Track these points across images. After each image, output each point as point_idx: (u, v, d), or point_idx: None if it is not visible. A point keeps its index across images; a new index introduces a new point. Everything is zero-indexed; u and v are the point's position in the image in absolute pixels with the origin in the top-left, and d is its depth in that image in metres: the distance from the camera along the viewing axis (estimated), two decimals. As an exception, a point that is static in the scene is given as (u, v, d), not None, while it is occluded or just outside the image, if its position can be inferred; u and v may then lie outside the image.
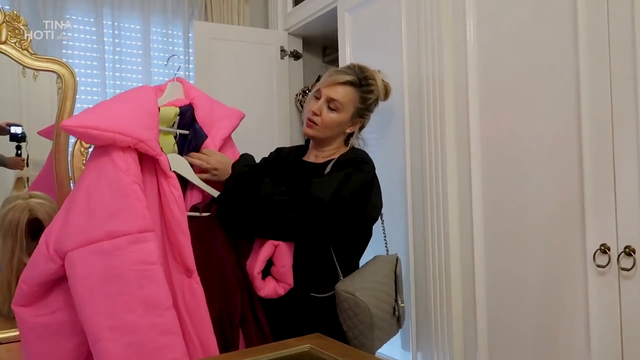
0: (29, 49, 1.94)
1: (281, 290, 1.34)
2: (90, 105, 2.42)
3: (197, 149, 1.36)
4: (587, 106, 1.28)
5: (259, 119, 2.62)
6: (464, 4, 1.61)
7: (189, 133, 1.36)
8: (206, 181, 1.36)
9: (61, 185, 2.00)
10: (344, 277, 1.41)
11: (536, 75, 1.41)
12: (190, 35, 2.73)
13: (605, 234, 1.24)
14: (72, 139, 2.05)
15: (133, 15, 2.63)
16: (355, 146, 1.55)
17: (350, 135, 1.54)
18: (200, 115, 1.36)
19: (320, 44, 2.97)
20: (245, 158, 1.42)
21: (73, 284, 1.05)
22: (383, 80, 1.53)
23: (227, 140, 1.44)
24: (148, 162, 1.17)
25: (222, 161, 1.35)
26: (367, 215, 1.42)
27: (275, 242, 1.31)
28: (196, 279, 1.18)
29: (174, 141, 1.35)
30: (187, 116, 1.35)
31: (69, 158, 2.03)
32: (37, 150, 2.05)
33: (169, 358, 1.08)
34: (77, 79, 2.04)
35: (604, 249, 1.24)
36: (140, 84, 2.61)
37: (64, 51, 2.44)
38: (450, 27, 1.67)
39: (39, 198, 1.88)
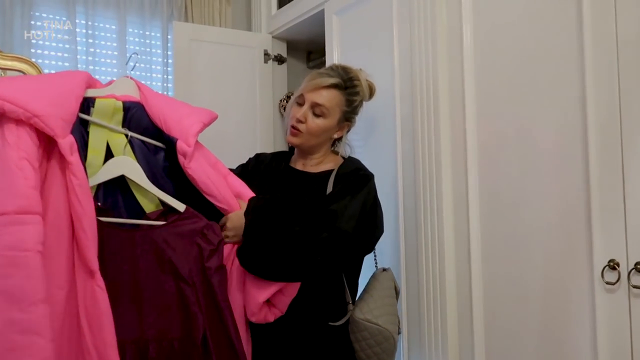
0: (-7, 46, 1.80)
1: (271, 317, 1.23)
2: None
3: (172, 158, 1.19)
4: (593, 108, 1.20)
5: (240, 125, 2.51)
6: (460, 3, 1.54)
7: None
8: None
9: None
10: (352, 300, 1.36)
11: (537, 74, 1.34)
12: (169, 37, 2.61)
13: (614, 248, 1.16)
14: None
15: (108, 15, 2.49)
16: (342, 152, 1.47)
17: (337, 140, 1.45)
18: (154, 114, 1.16)
19: (304, 49, 2.88)
20: (254, 202, 1.24)
21: None
22: (367, 80, 1.44)
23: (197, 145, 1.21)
24: (54, 146, 0.99)
25: (233, 223, 1.20)
26: (378, 234, 1.33)
27: None
28: (98, 281, 1.00)
29: (126, 142, 1.14)
30: (135, 115, 1.15)
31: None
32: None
33: None
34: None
35: (613, 265, 1.16)
36: (114, 87, 2.48)
37: (32, 50, 2.30)
38: (445, 27, 1.59)
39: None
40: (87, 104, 1.11)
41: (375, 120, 1.85)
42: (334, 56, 2.12)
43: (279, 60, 2.65)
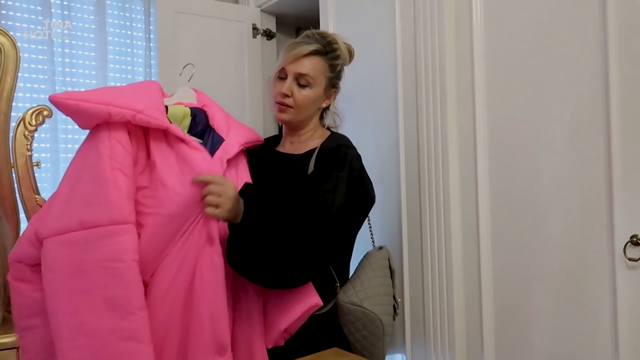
0: (-41, 13, 1.64)
1: (283, 341, 1.22)
2: (37, 85, 2.16)
3: (213, 153, 1.18)
4: (616, 84, 1.14)
5: (228, 102, 2.35)
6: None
7: (205, 136, 1.22)
8: None
9: (1, 173, 1.71)
10: (340, 283, 1.29)
11: (555, 51, 1.27)
12: (151, 10, 2.47)
13: (638, 224, 1.11)
14: (12, 123, 1.77)
15: (85, -15, 2.33)
16: (332, 124, 1.42)
17: (326, 109, 1.40)
18: (214, 119, 1.24)
19: (294, 24, 2.77)
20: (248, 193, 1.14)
21: (43, 273, 1.00)
22: (345, 43, 1.38)
23: (241, 157, 1.27)
24: (158, 139, 1.07)
25: (224, 189, 1.08)
26: (365, 211, 1.29)
27: None
28: (217, 249, 1.08)
29: None
30: (199, 120, 1.21)
31: (10, 143, 1.75)
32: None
33: None
34: (20, 54, 1.76)
35: (636, 241, 1.11)
36: (94, 62, 2.33)
37: (2, 22, 2.13)
38: (453, 2, 1.51)
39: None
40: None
41: (375, 103, 1.77)
42: (328, 30, 2.01)
43: (268, 35, 2.53)
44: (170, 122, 1.10)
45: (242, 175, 1.22)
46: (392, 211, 1.68)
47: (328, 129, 1.42)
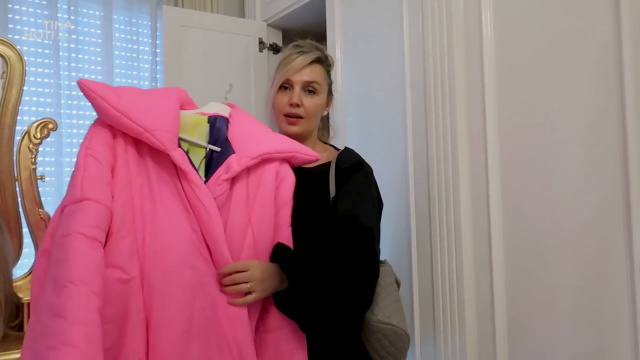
0: (-33, 26, 1.64)
1: None
2: (42, 98, 2.16)
3: (218, 165, 1.11)
4: (632, 96, 1.11)
5: (234, 117, 2.38)
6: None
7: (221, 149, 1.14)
8: None
9: (4, 186, 1.69)
10: None
11: (567, 59, 1.25)
12: (158, 25, 2.47)
13: (658, 239, 1.08)
14: (17, 136, 1.76)
15: (92, -1, 2.35)
16: (326, 139, 1.45)
17: (323, 121, 1.42)
18: (233, 131, 1.14)
19: (300, 38, 2.76)
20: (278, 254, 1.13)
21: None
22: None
23: (264, 170, 1.13)
24: (161, 160, 1.05)
25: (255, 268, 1.06)
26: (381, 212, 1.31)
27: None
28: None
29: (203, 157, 1.12)
30: (218, 129, 1.13)
31: (15, 156, 1.73)
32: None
33: (44, 345, 0.83)
34: (26, 67, 1.76)
35: (656, 255, 1.08)
36: (100, 75, 2.33)
37: (10, 36, 2.13)
38: (462, 14, 1.49)
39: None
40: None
41: (384, 116, 1.75)
42: (336, 47, 2.01)
43: (274, 49, 2.53)
44: (180, 137, 1.08)
45: (255, 191, 1.10)
46: (400, 223, 1.65)
47: (325, 142, 1.44)
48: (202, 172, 1.09)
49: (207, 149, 1.11)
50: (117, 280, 0.94)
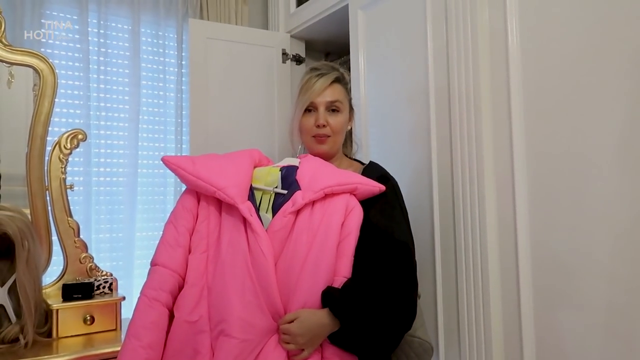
0: (3, 40, 1.70)
1: None
2: (72, 110, 2.22)
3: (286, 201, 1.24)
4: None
5: (257, 128, 2.41)
6: (505, -8, 1.42)
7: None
8: None
9: (35, 195, 1.74)
10: None
11: (596, 72, 1.21)
12: (184, 37, 2.52)
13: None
14: (48, 146, 1.81)
15: (121, 13, 2.41)
16: (349, 153, 1.50)
17: (347, 138, 1.48)
18: (300, 173, 1.26)
19: (322, 49, 2.80)
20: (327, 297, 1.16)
21: None
22: None
23: (335, 198, 1.22)
24: (231, 212, 1.21)
25: (303, 324, 1.10)
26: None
27: None
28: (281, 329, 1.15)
29: (270, 195, 1.27)
30: (286, 176, 1.26)
31: (45, 166, 1.78)
32: (9, 163, 1.80)
33: None
34: (58, 80, 1.81)
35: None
36: (128, 87, 2.39)
37: (42, 49, 2.20)
38: (487, 23, 1.47)
39: (9, 210, 1.62)
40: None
41: (407, 128, 1.74)
42: (359, 55, 2.02)
43: (297, 60, 2.55)
44: (253, 185, 1.25)
45: (319, 223, 1.19)
46: (425, 236, 1.63)
47: (350, 157, 1.49)
48: (270, 213, 1.22)
49: (273, 192, 1.24)
50: (185, 321, 1.13)
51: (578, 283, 1.24)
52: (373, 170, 1.35)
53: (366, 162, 1.44)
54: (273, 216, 1.20)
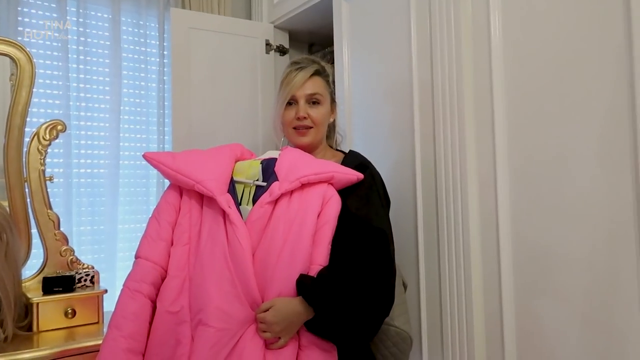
0: (-23, 28, 1.66)
1: None
2: (51, 100, 2.18)
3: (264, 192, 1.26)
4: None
5: (241, 118, 2.39)
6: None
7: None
8: None
9: (13, 187, 1.70)
10: None
11: (577, 68, 1.22)
12: (166, 27, 2.48)
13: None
14: (26, 137, 1.77)
15: (101, 2, 2.35)
16: (334, 145, 1.51)
17: (330, 128, 1.49)
18: (279, 165, 1.28)
19: (306, 40, 2.78)
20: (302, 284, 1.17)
21: None
22: None
23: (312, 188, 1.24)
24: (211, 204, 1.24)
25: (278, 312, 1.11)
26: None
27: None
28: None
29: (250, 188, 1.30)
30: (266, 169, 1.29)
31: (24, 157, 1.75)
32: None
33: None
34: (36, 69, 1.77)
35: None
36: (108, 78, 2.35)
37: (19, 38, 2.15)
38: (470, 17, 1.48)
39: (-14, 203, 1.58)
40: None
41: (391, 119, 1.74)
42: (343, 46, 2.01)
43: (281, 51, 2.53)
44: (233, 178, 1.28)
45: (296, 212, 1.20)
46: (408, 228, 1.64)
47: (334, 148, 1.50)
48: (250, 205, 1.25)
49: (252, 184, 1.27)
50: (166, 312, 1.15)
51: (557, 275, 1.27)
52: (352, 159, 1.37)
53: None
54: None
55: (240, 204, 1.25)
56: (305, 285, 1.12)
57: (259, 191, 1.25)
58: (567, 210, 1.24)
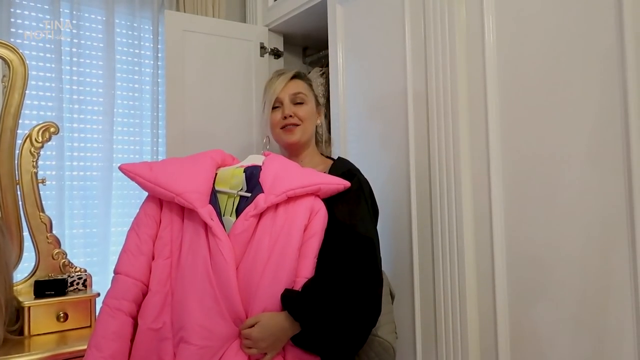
0: (-31, 30, 1.65)
1: None
2: (44, 102, 2.16)
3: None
4: (634, 100, 1.11)
5: (235, 121, 2.38)
6: (481, -10, 1.44)
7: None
8: None
9: (5, 190, 1.69)
10: None
11: (570, 68, 1.24)
12: (160, 29, 2.48)
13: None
14: (19, 139, 1.76)
15: (94, 4, 2.34)
16: (324, 150, 1.53)
17: (318, 132, 1.51)
18: (263, 174, 1.24)
19: (300, 44, 2.78)
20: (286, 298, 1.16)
21: None
22: None
23: (299, 200, 1.21)
24: (192, 217, 1.20)
25: (264, 328, 1.09)
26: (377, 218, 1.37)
27: None
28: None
29: (233, 198, 1.26)
30: (250, 177, 1.25)
31: (16, 160, 1.73)
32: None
33: None
34: (29, 71, 1.76)
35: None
36: (102, 80, 2.33)
37: (12, 40, 2.14)
38: (464, 21, 1.49)
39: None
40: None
41: (385, 125, 1.75)
42: (337, 49, 2.01)
43: (276, 54, 2.53)
44: (215, 188, 1.23)
45: (281, 225, 1.17)
46: (402, 235, 1.64)
47: (324, 155, 1.51)
48: (234, 216, 1.21)
49: (236, 195, 1.23)
50: (148, 329, 1.12)
51: (551, 277, 1.27)
52: (340, 166, 1.37)
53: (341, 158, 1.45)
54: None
55: (223, 214, 1.22)
56: (290, 299, 1.10)
57: (243, 201, 1.21)
58: (559, 213, 1.25)
